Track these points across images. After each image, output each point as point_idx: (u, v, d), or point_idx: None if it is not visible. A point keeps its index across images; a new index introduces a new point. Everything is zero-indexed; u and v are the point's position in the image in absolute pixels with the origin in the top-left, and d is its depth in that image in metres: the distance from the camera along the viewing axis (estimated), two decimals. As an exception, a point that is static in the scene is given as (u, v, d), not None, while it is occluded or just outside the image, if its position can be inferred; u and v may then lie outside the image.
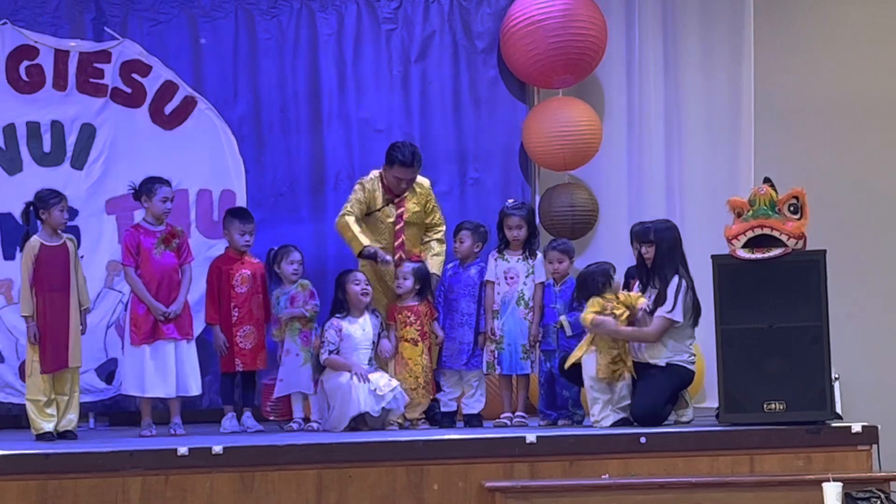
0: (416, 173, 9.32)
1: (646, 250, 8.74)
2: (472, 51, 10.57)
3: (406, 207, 9.34)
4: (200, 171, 10.13)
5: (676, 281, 8.57)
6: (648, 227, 8.83)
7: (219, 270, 9.34)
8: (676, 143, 10.77)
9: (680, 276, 8.60)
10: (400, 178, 9.26)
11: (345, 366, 8.88)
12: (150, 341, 8.96)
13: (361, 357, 8.96)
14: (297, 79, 10.39)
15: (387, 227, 9.35)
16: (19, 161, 9.96)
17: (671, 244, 8.70)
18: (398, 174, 9.26)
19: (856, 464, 7.96)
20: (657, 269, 8.68)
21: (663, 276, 8.61)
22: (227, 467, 7.69)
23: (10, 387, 9.77)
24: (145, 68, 10.13)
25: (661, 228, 8.79)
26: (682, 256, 8.75)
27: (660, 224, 8.87)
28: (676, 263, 8.66)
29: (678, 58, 10.80)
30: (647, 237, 8.76)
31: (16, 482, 7.54)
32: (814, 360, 8.16)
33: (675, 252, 8.71)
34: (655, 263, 8.70)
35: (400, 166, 9.23)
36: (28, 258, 8.73)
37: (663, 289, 8.58)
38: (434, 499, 7.78)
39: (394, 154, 9.24)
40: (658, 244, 8.69)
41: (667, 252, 8.67)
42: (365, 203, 9.28)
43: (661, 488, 7.72)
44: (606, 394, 8.60)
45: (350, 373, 8.82)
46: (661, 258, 8.68)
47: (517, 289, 9.11)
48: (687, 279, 8.64)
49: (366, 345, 9.00)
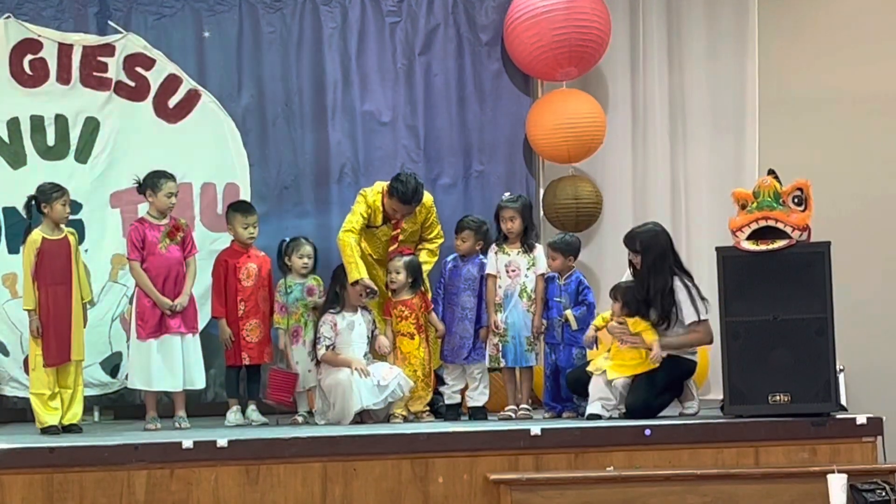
0: (412, 210, 9.28)
1: (633, 257, 8.74)
2: (476, 43, 10.57)
3: (402, 228, 9.35)
4: (204, 164, 10.13)
5: (679, 286, 8.54)
6: (634, 235, 8.81)
7: (225, 264, 9.34)
8: (681, 136, 10.77)
9: (679, 280, 8.57)
10: (396, 210, 9.26)
11: (344, 362, 8.87)
12: (156, 335, 8.97)
13: (357, 352, 8.95)
14: (301, 72, 10.39)
15: (382, 243, 9.37)
16: (23, 155, 9.96)
17: (658, 252, 8.67)
18: (395, 207, 9.24)
19: (861, 455, 7.96)
20: (647, 278, 8.65)
21: (656, 284, 8.59)
22: (231, 460, 7.70)
23: (15, 381, 9.78)
24: (149, 62, 10.12)
25: (645, 237, 8.75)
26: (673, 259, 8.71)
27: (644, 233, 8.81)
28: (667, 269, 8.63)
29: (682, 50, 10.79)
30: (633, 246, 8.75)
31: (21, 476, 7.55)
32: (819, 351, 8.15)
33: (664, 259, 8.67)
34: (643, 271, 8.68)
35: (398, 201, 9.20)
36: (30, 251, 8.73)
37: (658, 297, 8.55)
38: (439, 491, 7.78)
39: (395, 187, 9.18)
40: (643, 253, 8.68)
41: (653, 261, 8.65)
42: (366, 218, 9.27)
43: (666, 480, 7.72)
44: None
45: (350, 368, 8.81)
46: (649, 267, 8.66)
47: (519, 281, 9.10)
48: (687, 277, 8.61)
49: (361, 340, 9.00)
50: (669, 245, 8.77)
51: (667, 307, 8.57)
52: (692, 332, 8.61)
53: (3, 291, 9.82)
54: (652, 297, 8.61)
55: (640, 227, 8.96)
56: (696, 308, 8.56)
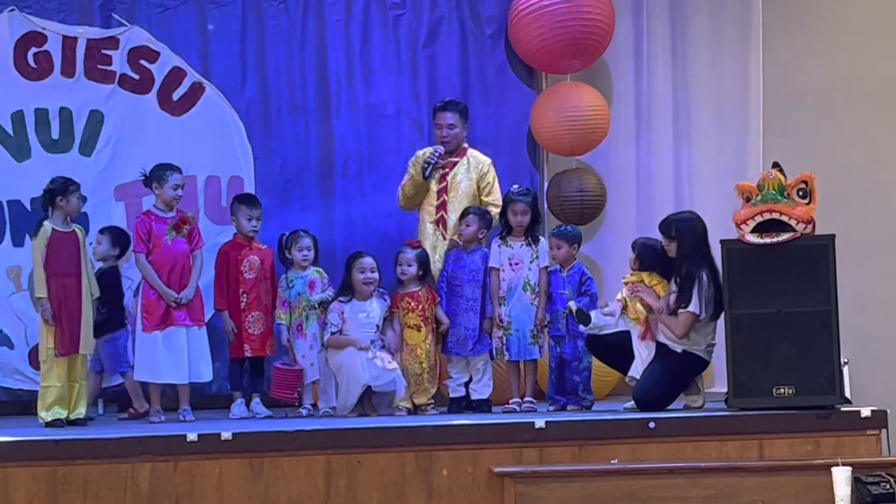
0: (454, 121, 9.59)
1: (667, 244, 8.69)
2: (480, 36, 10.56)
3: (451, 180, 9.58)
4: (209, 157, 10.14)
5: (699, 277, 8.51)
6: (670, 222, 8.76)
7: (227, 256, 9.34)
8: (685, 129, 10.77)
9: (704, 270, 8.53)
10: (440, 125, 9.59)
11: (346, 341, 8.88)
12: (161, 328, 8.97)
13: (364, 338, 8.94)
14: (305, 65, 10.39)
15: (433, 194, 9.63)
16: (28, 148, 9.97)
17: (693, 240, 8.59)
18: (438, 122, 9.63)
19: (865, 448, 7.95)
20: (680, 266, 8.61)
21: (686, 273, 8.55)
22: (236, 453, 7.69)
23: (19, 373, 9.79)
24: (153, 55, 10.13)
25: (682, 224, 8.69)
26: (706, 250, 8.66)
27: (681, 220, 8.76)
28: (699, 260, 8.55)
29: (686, 43, 10.79)
30: (669, 233, 8.70)
31: (25, 469, 7.54)
32: (823, 344, 8.14)
33: (698, 248, 8.60)
34: (678, 259, 8.63)
35: (438, 109, 9.68)
36: (41, 242, 8.73)
37: (686, 285, 8.54)
38: (443, 484, 7.78)
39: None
40: (679, 241, 8.64)
41: (689, 249, 8.58)
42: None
43: (670, 473, 7.72)
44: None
45: (354, 346, 8.84)
46: (683, 255, 8.60)
47: (522, 275, 9.10)
48: (709, 273, 8.55)
49: (369, 328, 9.00)
50: (704, 235, 8.70)
51: (688, 296, 8.51)
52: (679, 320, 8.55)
53: (8, 284, 9.83)
54: (680, 284, 8.55)
55: (676, 214, 8.92)
56: (701, 302, 8.51)
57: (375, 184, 10.36)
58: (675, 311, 8.54)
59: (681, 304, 8.51)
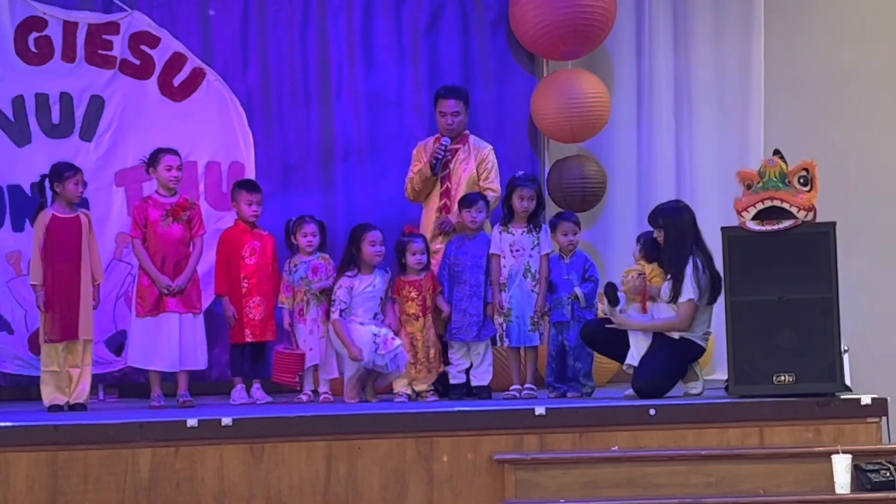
0: (457, 108, 9.62)
1: (657, 233, 8.70)
2: (482, 22, 10.54)
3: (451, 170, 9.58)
4: (209, 143, 10.13)
5: (691, 264, 8.51)
6: (658, 211, 8.78)
7: (229, 242, 9.34)
8: (686, 116, 10.75)
9: (694, 257, 8.54)
10: (444, 112, 9.61)
11: (346, 345, 8.86)
12: (154, 314, 8.99)
13: (367, 311, 8.96)
14: (306, 51, 10.37)
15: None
16: (28, 133, 9.96)
17: (680, 229, 8.61)
18: (441, 108, 9.65)
19: (865, 436, 7.95)
20: (668, 254, 8.63)
21: (675, 261, 8.56)
22: (236, 439, 7.71)
23: (19, 359, 9.78)
24: (154, 40, 10.12)
25: (668, 213, 8.71)
26: (695, 236, 8.66)
27: (668, 209, 8.77)
28: (688, 247, 8.57)
29: (688, 29, 10.76)
30: (656, 222, 8.72)
31: (26, 453, 7.57)
32: (823, 332, 8.13)
33: (685, 236, 8.61)
34: (666, 248, 8.65)
35: (440, 97, 9.69)
36: (39, 228, 8.74)
37: (677, 275, 8.54)
38: (444, 470, 7.79)
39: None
40: (666, 229, 8.66)
41: (676, 237, 8.60)
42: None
43: (670, 460, 7.74)
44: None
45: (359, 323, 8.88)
46: (671, 243, 8.62)
47: (524, 261, 9.09)
48: (702, 258, 8.57)
49: (373, 301, 9.00)
50: (692, 223, 8.71)
51: (679, 285, 8.52)
52: (679, 311, 8.56)
53: (8, 269, 9.83)
54: (670, 273, 8.57)
55: (664, 204, 8.93)
56: (699, 287, 8.51)
57: (376, 170, 10.34)
58: (671, 300, 8.55)
59: (674, 292, 8.51)
